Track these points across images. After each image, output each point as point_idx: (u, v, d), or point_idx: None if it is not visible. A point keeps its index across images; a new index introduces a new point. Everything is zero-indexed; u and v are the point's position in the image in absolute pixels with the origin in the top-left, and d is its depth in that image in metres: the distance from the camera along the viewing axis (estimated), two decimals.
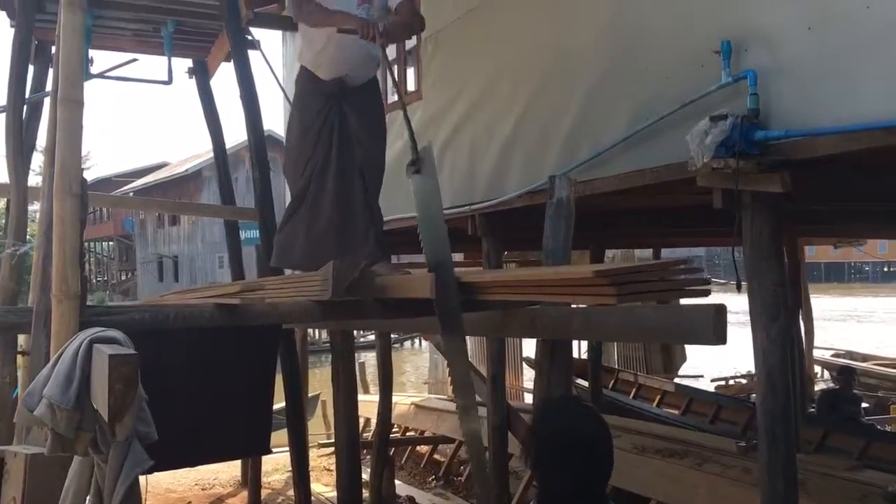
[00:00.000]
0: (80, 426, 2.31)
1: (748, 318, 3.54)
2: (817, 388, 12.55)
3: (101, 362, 2.18)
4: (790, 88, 3.41)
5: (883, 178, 4.09)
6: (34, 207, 7.08)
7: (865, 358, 15.00)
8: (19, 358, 4.28)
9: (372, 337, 17.39)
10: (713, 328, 2.62)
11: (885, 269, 65.45)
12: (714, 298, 2.65)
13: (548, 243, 3.57)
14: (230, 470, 9.27)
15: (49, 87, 6.64)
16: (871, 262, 62.32)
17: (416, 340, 29.61)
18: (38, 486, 2.56)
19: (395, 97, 6.85)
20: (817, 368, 14.28)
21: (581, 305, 3.12)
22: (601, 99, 4.60)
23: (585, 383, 9.68)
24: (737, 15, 3.67)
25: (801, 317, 9.27)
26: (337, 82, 4.33)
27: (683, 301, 3.33)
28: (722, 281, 22.33)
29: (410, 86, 6.79)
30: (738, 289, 3.45)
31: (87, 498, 2.51)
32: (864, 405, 10.89)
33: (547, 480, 2.06)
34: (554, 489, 2.03)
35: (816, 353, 13.75)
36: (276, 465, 9.37)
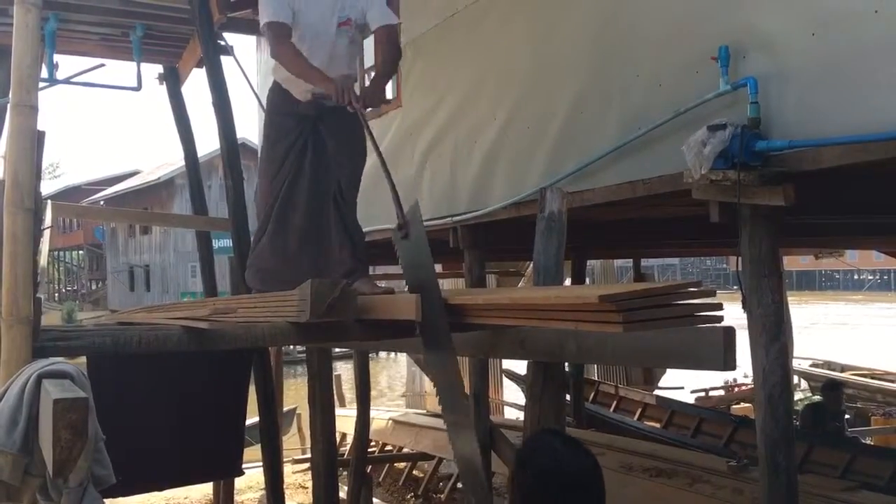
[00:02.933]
0: (28, 471, 2.06)
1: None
2: (796, 397, 12.48)
3: (47, 405, 1.94)
4: (793, 96, 3.25)
5: (888, 189, 3.95)
6: None
7: (844, 368, 15.00)
8: None
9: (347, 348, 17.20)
10: (722, 354, 2.44)
11: (856, 277, 66.26)
12: None
13: (539, 259, 3.38)
14: (201, 488, 8.97)
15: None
16: (841, 269, 63.09)
17: (393, 352, 29.32)
18: None
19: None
20: (796, 379, 14.22)
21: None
22: (589, 107, 4.42)
23: (567, 397, 9.50)
24: (735, 19, 3.50)
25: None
26: (313, 104, 4.10)
27: None
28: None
29: (390, 93, 6.59)
30: (744, 306, 3.27)
31: None
32: (846, 417, 10.84)
33: None
34: None
35: (795, 363, 13.71)
36: (250, 482, 9.09)
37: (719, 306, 2.25)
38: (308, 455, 10.88)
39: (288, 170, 4.06)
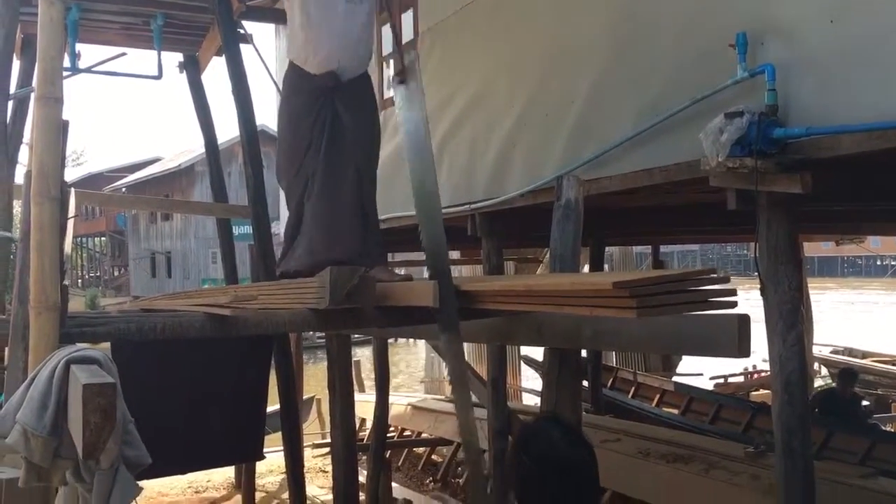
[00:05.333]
0: (58, 454, 2.12)
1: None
2: (816, 384, 12.43)
3: (77, 389, 2.00)
4: (811, 83, 3.24)
5: None
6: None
7: (865, 355, 14.89)
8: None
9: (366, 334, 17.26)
10: (737, 341, 2.47)
11: (878, 263, 65.55)
12: None
13: (556, 247, 3.40)
14: (224, 472, 9.10)
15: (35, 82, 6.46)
16: (864, 255, 62.42)
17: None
18: None
19: (391, 93, 6.67)
20: (816, 366, 14.16)
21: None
22: (607, 94, 4.42)
23: (585, 383, 9.52)
24: (753, 5, 3.49)
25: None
26: (328, 76, 4.08)
27: None
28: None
29: None
30: (762, 293, 3.27)
31: None
32: (864, 403, 10.79)
33: None
34: None
35: (815, 350, 13.64)
36: (271, 466, 9.21)
37: (733, 292, 2.27)
38: (328, 440, 11.00)
39: (311, 150, 4.02)
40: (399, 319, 3.46)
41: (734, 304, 2.31)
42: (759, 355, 12.68)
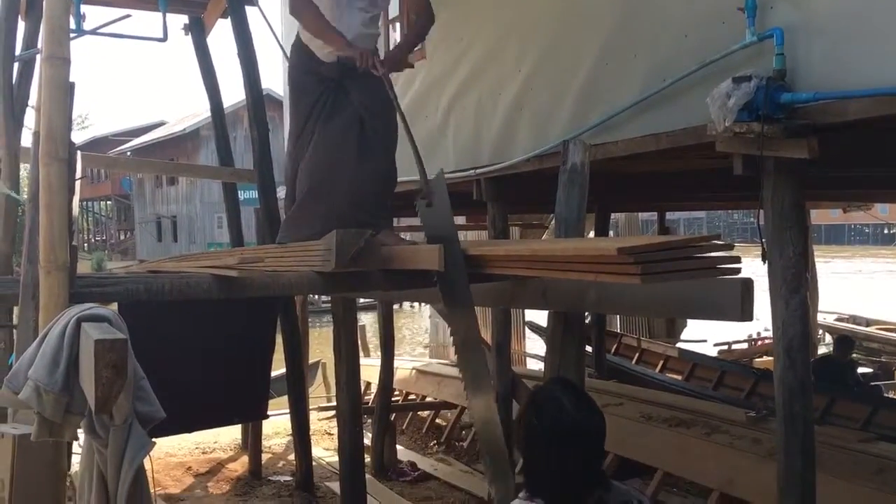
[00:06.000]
0: (70, 409, 2.17)
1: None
2: (820, 351, 12.49)
3: (88, 346, 2.03)
4: (820, 48, 3.22)
5: None
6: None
7: (869, 322, 14.94)
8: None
9: (370, 299, 17.31)
10: (741, 305, 2.48)
11: (886, 232, 65.35)
12: None
13: (561, 211, 3.41)
14: (231, 433, 9.21)
15: (41, 43, 6.43)
16: (871, 224, 62.22)
17: (416, 303, 29.53)
18: (27, 469, 2.43)
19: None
20: (820, 333, 14.22)
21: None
22: (614, 58, 4.39)
23: (589, 348, 9.58)
24: None
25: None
26: (336, 66, 4.06)
27: None
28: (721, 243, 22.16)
29: None
30: (764, 259, 3.28)
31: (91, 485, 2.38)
32: (864, 370, 10.85)
33: (538, 466, 2.01)
34: (545, 478, 2.00)
35: (820, 318, 13.68)
36: (277, 428, 9.32)
37: (737, 259, 2.28)
38: (333, 403, 11.12)
39: (312, 128, 4.04)
40: (404, 283, 3.48)
41: (738, 271, 2.33)
42: (763, 323, 12.73)
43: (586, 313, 4.39)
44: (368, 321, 15.96)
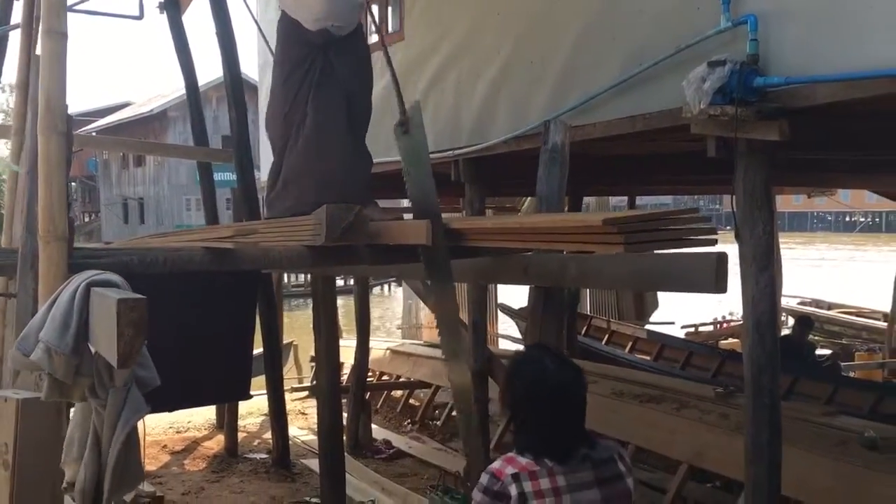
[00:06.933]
0: (79, 371, 2.25)
1: None
2: (783, 334, 12.79)
3: (104, 307, 2.11)
4: (791, 34, 3.36)
5: (882, 126, 4.08)
6: None
7: (831, 306, 15.32)
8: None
9: (341, 283, 17.29)
10: (714, 277, 2.61)
11: (847, 219, 66.58)
12: None
13: (542, 189, 3.53)
14: (204, 413, 9.25)
15: (14, 20, 6.37)
16: (833, 211, 63.39)
17: (386, 286, 29.61)
18: (30, 432, 2.50)
19: (375, 38, 6.68)
20: (784, 316, 14.54)
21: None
22: (592, 42, 4.50)
23: None
24: None
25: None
26: (322, 33, 4.17)
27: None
28: None
29: (392, 26, 6.62)
30: (737, 237, 3.43)
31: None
32: (824, 352, 11.15)
33: (525, 428, 2.16)
34: (533, 435, 2.14)
35: (783, 301, 14.01)
36: (251, 408, 9.37)
37: (713, 231, 2.41)
38: (305, 384, 11.20)
39: (300, 97, 4.13)
40: (390, 258, 3.58)
41: (714, 242, 2.46)
42: (728, 307, 12.91)
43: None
44: (340, 305, 15.98)
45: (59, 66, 2.66)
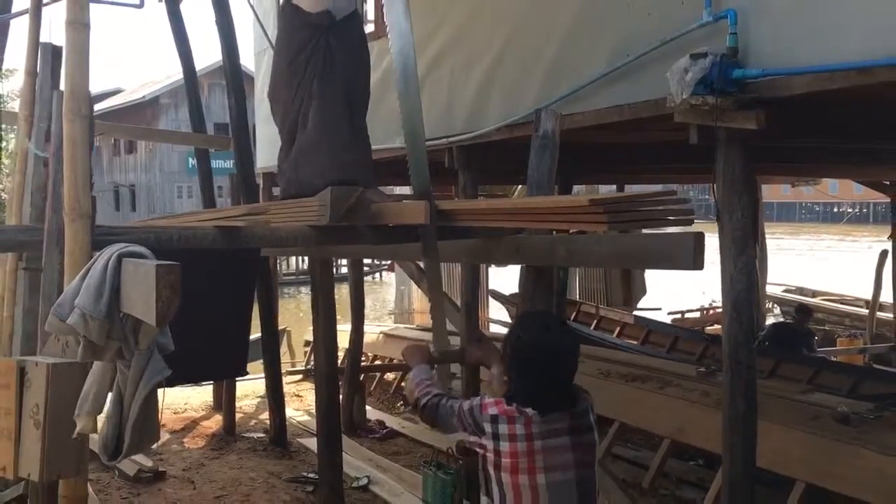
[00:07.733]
0: (110, 335, 2.46)
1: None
2: (768, 321, 13.05)
3: (139, 273, 2.32)
4: (769, 28, 3.55)
5: (856, 116, 4.29)
6: None
7: (815, 294, 15.58)
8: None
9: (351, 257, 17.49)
10: (692, 255, 2.82)
11: (835, 210, 67.04)
12: None
13: (533, 174, 3.71)
14: (201, 395, 9.45)
15: (14, 8, 6.50)
16: (821, 202, 63.85)
17: (378, 274, 29.84)
18: (58, 394, 2.71)
19: (372, 28, 6.85)
20: (769, 304, 14.81)
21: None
22: (582, 34, 4.69)
23: None
24: None
25: (756, 252, 9.61)
26: (323, 15, 4.32)
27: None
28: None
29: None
30: (718, 220, 3.63)
31: (108, 400, 2.71)
32: (815, 338, 11.41)
33: (520, 380, 2.40)
34: (525, 387, 2.38)
35: (769, 289, 14.27)
36: (246, 391, 9.58)
37: (691, 211, 2.62)
38: (298, 368, 11.43)
39: (304, 81, 4.28)
40: (389, 237, 3.78)
41: (691, 222, 2.67)
42: (713, 295, 13.07)
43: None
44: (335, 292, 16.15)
45: (82, 56, 2.84)
